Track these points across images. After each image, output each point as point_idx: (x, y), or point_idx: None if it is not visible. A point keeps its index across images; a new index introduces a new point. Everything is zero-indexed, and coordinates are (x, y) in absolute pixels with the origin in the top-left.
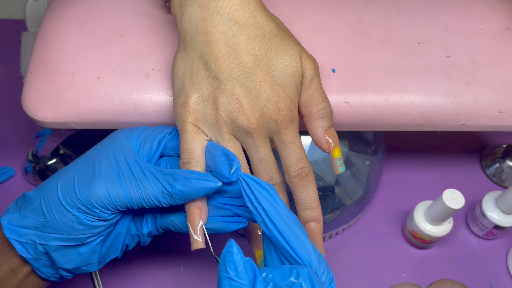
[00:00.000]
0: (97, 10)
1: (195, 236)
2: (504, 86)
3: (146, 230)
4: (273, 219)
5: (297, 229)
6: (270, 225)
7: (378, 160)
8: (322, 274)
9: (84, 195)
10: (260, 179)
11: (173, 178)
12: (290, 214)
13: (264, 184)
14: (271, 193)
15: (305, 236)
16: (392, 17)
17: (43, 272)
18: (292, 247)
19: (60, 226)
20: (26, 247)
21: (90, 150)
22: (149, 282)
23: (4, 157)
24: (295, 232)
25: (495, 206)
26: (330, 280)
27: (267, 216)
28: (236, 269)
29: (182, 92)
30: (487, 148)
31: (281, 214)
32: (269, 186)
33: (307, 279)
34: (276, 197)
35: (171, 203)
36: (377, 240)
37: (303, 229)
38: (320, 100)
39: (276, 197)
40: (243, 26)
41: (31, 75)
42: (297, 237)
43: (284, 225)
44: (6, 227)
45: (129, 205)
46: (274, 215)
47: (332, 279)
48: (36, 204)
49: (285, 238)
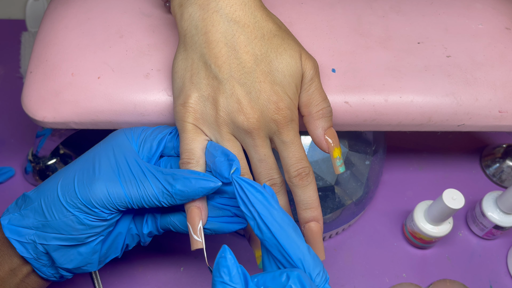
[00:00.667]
0: (97, 10)
1: (195, 236)
2: (504, 86)
3: (147, 230)
4: (266, 221)
5: (291, 231)
6: (264, 228)
7: (378, 160)
8: (317, 276)
9: (84, 195)
10: (254, 182)
11: (173, 178)
12: (285, 216)
13: (258, 186)
14: (265, 196)
15: (299, 238)
16: (392, 17)
17: (43, 272)
18: (285, 249)
19: (60, 226)
20: (26, 247)
21: (90, 150)
22: (149, 282)
23: (4, 157)
24: (289, 234)
25: (495, 206)
26: (325, 281)
27: (261, 218)
28: (230, 273)
29: (182, 92)
30: (487, 148)
31: (275, 216)
32: (263, 189)
33: (297, 281)
34: (270, 199)
35: (171, 203)
36: (377, 240)
37: (298, 231)
38: (320, 100)
39: (270, 199)
40: (243, 26)
41: (31, 75)
42: (291, 239)
43: (277, 227)
44: (6, 227)
45: (129, 205)
46: (268, 217)
47: (327, 280)
48: (36, 204)
49: (278, 240)
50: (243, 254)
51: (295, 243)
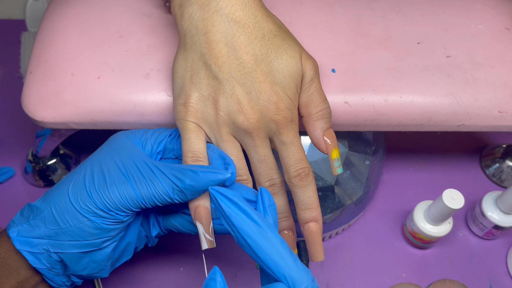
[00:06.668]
0: (97, 10)
1: (208, 236)
2: (504, 86)
3: (155, 232)
4: (244, 236)
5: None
6: (243, 242)
7: (378, 160)
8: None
9: (98, 200)
10: (230, 192)
11: (181, 173)
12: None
13: (233, 197)
14: (242, 208)
15: (284, 250)
16: (392, 17)
17: (55, 282)
18: (267, 264)
19: (75, 232)
20: (38, 258)
21: (93, 156)
22: (149, 282)
23: (4, 157)
24: (269, 249)
25: (495, 206)
26: None
27: (239, 233)
28: None
29: (182, 92)
30: (487, 148)
31: (253, 230)
32: (238, 199)
33: None
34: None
35: (183, 198)
36: (377, 240)
37: (282, 243)
38: (319, 101)
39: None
40: (243, 26)
41: (31, 75)
42: (272, 254)
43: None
44: (16, 239)
45: (142, 205)
46: (247, 231)
47: None
48: (46, 213)
49: (258, 256)
50: (242, 254)
51: (277, 259)
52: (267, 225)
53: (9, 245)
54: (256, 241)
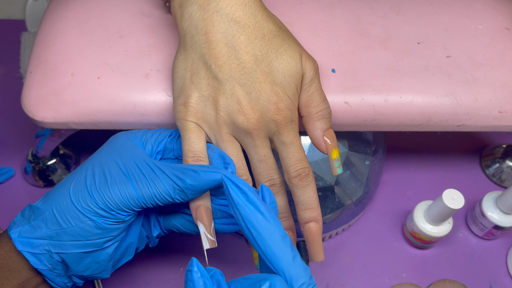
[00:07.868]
0: (97, 10)
1: (209, 236)
2: (504, 86)
3: (156, 232)
4: (249, 226)
5: (275, 239)
6: (248, 233)
7: (378, 160)
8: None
9: (100, 199)
10: (243, 181)
11: (182, 173)
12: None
13: (244, 186)
14: (250, 198)
15: (285, 246)
16: (392, 17)
17: (56, 282)
18: (268, 258)
19: (77, 232)
20: (40, 258)
21: (94, 156)
22: (149, 282)
23: (4, 157)
24: (272, 243)
25: (495, 206)
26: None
27: (245, 223)
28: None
29: (182, 92)
30: (487, 148)
31: (259, 221)
32: (248, 189)
33: None
34: (257, 202)
35: (184, 198)
36: (377, 240)
37: (285, 238)
38: (319, 101)
39: (257, 202)
40: (243, 26)
41: (31, 75)
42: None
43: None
44: (18, 240)
45: (143, 204)
46: (252, 221)
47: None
48: (48, 213)
49: (261, 248)
50: (242, 254)
51: (278, 252)
52: (273, 219)
53: (10, 246)
54: (260, 233)
